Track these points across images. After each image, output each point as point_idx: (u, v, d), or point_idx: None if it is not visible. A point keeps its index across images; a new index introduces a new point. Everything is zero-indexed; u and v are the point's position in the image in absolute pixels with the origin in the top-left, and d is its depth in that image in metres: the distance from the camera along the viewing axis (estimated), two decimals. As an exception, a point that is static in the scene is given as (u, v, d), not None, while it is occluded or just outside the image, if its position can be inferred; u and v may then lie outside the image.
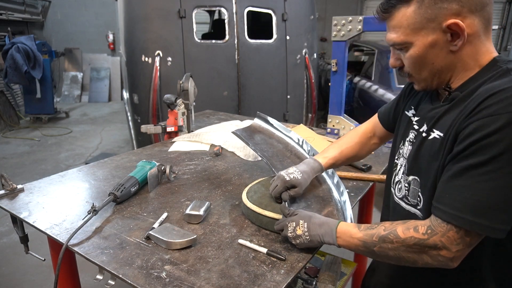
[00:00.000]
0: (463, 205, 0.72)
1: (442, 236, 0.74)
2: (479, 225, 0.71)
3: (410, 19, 0.79)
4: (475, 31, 0.77)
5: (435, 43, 0.78)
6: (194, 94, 1.96)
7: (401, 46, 0.84)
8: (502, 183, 0.69)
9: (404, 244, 0.78)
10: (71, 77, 8.48)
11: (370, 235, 0.83)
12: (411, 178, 0.91)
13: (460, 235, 0.73)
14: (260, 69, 3.52)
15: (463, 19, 0.75)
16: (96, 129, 6.14)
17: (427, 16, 0.77)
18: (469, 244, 0.74)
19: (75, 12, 8.48)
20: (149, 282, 0.83)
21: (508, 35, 8.49)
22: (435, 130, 0.84)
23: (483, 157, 0.70)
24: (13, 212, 1.14)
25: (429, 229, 0.76)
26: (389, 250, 0.81)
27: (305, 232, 0.92)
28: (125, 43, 3.54)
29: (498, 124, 0.68)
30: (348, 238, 0.87)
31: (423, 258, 0.78)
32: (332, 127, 2.02)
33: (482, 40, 0.79)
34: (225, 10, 3.33)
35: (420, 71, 0.84)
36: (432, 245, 0.75)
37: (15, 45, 5.52)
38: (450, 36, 0.77)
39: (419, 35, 0.79)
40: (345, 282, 1.69)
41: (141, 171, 1.31)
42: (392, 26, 0.83)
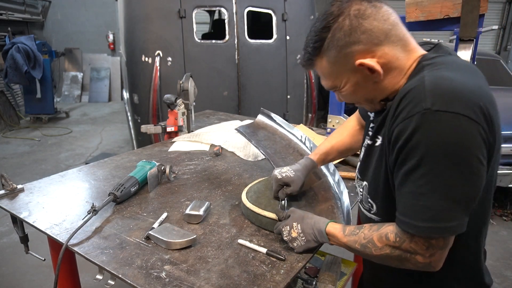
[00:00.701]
0: (413, 212, 0.72)
1: (410, 243, 0.75)
2: (435, 229, 0.71)
3: (327, 69, 0.84)
4: (390, 58, 0.79)
5: (358, 82, 0.82)
6: (194, 94, 1.96)
7: (333, 90, 0.89)
8: (440, 181, 0.69)
9: (382, 252, 0.80)
10: (71, 77, 8.48)
11: (353, 241, 0.85)
12: (364, 184, 0.93)
13: (424, 240, 0.73)
14: (260, 69, 3.52)
15: (373, 53, 0.78)
16: (96, 129, 6.15)
17: (339, 63, 0.81)
18: (440, 247, 0.74)
19: (75, 12, 8.49)
20: (149, 282, 0.84)
21: (508, 35, 8.49)
22: (379, 136, 0.87)
23: (414, 160, 0.71)
24: (13, 212, 1.14)
25: (397, 237, 0.77)
26: (372, 257, 0.83)
27: (300, 233, 0.94)
28: (125, 43, 3.54)
29: (412, 125, 0.69)
30: (336, 241, 0.90)
31: (404, 264, 0.78)
32: (332, 127, 2.02)
33: (403, 58, 0.80)
34: (225, 10, 3.33)
35: (358, 102, 0.89)
36: (405, 250, 0.76)
37: (15, 45, 5.53)
38: (368, 70, 0.79)
39: (342, 78, 0.83)
40: (345, 282, 1.69)
41: (141, 171, 1.31)
42: (319, 74, 0.88)
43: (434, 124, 0.68)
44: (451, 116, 0.67)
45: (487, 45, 8.66)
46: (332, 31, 0.78)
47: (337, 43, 0.78)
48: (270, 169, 1.52)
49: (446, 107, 0.67)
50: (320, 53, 0.82)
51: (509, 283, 2.50)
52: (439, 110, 0.67)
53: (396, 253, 0.77)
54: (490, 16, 8.32)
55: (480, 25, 1.53)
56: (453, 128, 0.67)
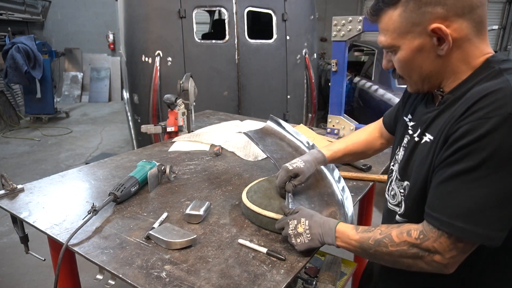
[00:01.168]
0: (454, 211, 0.71)
1: (434, 242, 0.73)
2: (470, 232, 0.69)
3: (396, 23, 0.78)
4: (463, 35, 0.75)
5: (422, 48, 0.78)
6: (194, 94, 1.96)
7: (390, 49, 0.84)
8: (493, 189, 0.67)
9: (398, 248, 0.77)
10: (71, 77, 8.48)
11: (366, 238, 0.83)
12: (405, 184, 0.89)
13: (452, 241, 0.72)
14: (260, 69, 3.52)
15: (449, 23, 0.73)
16: (96, 129, 6.15)
17: (412, 20, 0.76)
18: (463, 251, 0.73)
19: (75, 12, 8.49)
20: (149, 282, 0.84)
21: (508, 35, 8.49)
22: (427, 134, 0.83)
23: (472, 162, 0.68)
24: (13, 212, 1.14)
25: (421, 234, 0.75)
26: (384, 254, 0.80)
27: (306, 230, 0.91)
28: (125, 43, 3.54)
29: (487, 127, 0.66)
30: (346, 239, 0.87)
31: (417, 263, 0.77)
32: (332, 127, 2.02)
33: (473, 43, 0.76)
34: (225, 10, 3.33)
35: (410, 74, 0.84)
36: (425, 249, 0.74)
37: (15, 45, 5.52)
38: (437, 40, 0.75)
39: (406, 39, 0.78)
40: (345, 282, 1.69)
41: (141, 171, 1.31)
42: (381, 29, 0.83)
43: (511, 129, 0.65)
44: None
45: (487, 45, 8.65)
46: None
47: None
48: (270, 169, 1.53)
49: None
50: (397, 3, 0.77)
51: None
52: None
53: (412, 251, 0.75)
54: (490, 16, 8.32)
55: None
56: None
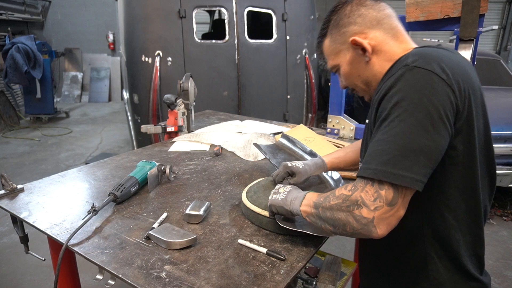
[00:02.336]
0: (372, 157, 0.76)
1: (361, 191, 0.75)
2: (385, 172, 0.72)
3: (330, 48, 0.99)
4: (380, 41, 0.92)
5: (353, 59, 0.95)
6: (194, 94, 1.96)
7: (335, 69, 1.02)
8: (401, 128, 0.73)
9: (336, 202, 0.80)
10: (71, 77, 8.48)
11: (320, 197, 0.87)
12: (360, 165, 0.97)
13: (375, 189, 0.74)
14: (260, 69, 3.52)
15: (365, 35, 0.92)
16: (96, 129, 6.15)
17: (338, 42, 0.96)
18: (386, 200, 0.72)
19: (75, 12, 8.49)
20: (149, 282, 0.84)
21: (508, 35, 8.49)
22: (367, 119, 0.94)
23: (384, 112, 0.77)
24: (13, 212, 1.14)
25: (353, 186, 0.78)
26: (327, 210, 0.82)
27: (285, 191, 0.98)
28: (125, 43, 3.54)
29: (393, 80, 0.78)
30: (308, 200, 0.90)
31: (349, 221, 0.77)
32: (332, 127, 2.02)
33: (392, 45, 0.92)
34: (225, 10, 3.33)
35: (355, 83, 0.99)
36: (354, 201, 0.76)
37: (15, 45, 5.53)
38: (361, 50, 0.93)
39: (340, 57, 0.98)
40: (345, 282, 1.69)
41: (141, 171, 1.31)
42: (325, 56, 1.03)
43: (410, 76, 0.76)
44: (426, 72, 0.76)
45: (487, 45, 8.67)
46: (337, 14, 0.95)
47: (338, 23, 0.95)
48: (270, 169, 1.53)
49: (423, 65, 0.76)
50: (326, 33, 0.99)
51: (509, 283, 2.50)
52: (417, 66, 0.77)
53: (345, 204, 0.77)
54: (490, 16, 8.33)
55: (480, 25, 1.53)
56: (425, 81, 0.75)
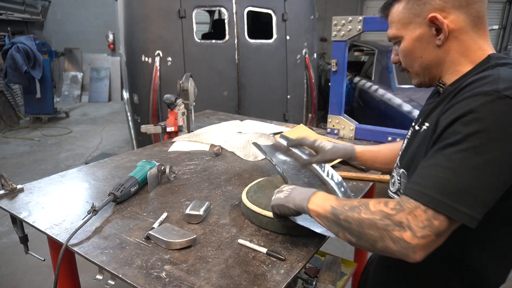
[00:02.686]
0: (431, 182, 0.69)
1: (409, 214, 0.69)
2: (444, 205, 0.67)
3: (400, 14, 0.85)
4: (460, 27, 0.79)
5: (421, 37, 0.83)
6: (194, 94, 1.95)
7: (395, 40, 0.90)
8: (474, 163, 0.66)
9: (370, 217, 0.73)
10: (71, 77, 8.48)
11: (342, 203, 0.80)
12: (401, 171, 0.91)
13: (427, 216, 0.68)
14: (260, 69, 3.52)
15: (446, 14, 0.79)
16: (96, 129, 6.15)
17: (413, 11, 0.83)
18: (436, 231, 0.67)
19: (75, 12, 8.49)
20: (149, 282, 0.83)
21: (508, 35, 8.49)
22: (426, 122, 0.85)
23: (457, 136, 0.68)
24: (13, 212, 1.14)
25: (398, 205, 0.71)
26: (354, 222, 0.76)
27: (288, 189, 0.94)
28: (125, 43, 3.54)
29: (473, 105, 0.68)
30: (322, 201, 0.85)
31: (384, 239, 0.71)
32: (332, 127, 2.02)
33: (471, 37, 0.80)
34: (225, 10, 3.33)
35: (412, 64, 0.88)
36: (398, 222, 0.69)
37: (15, 45, 5.52)
38: (435, 30, 0.81)
39: (408, 29, 0.85)
40: (345, 282, 1.69)
41: (141, 171, 1.30)
42: (389, 22, 0.90)
43: (500, 107, 0.66)
44: None
45: (487, 45, 8.65)
46: None
47: None
48: (270, 169, 1.53)
49: None
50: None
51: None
52: (509, 97, 0.66)
53: (383, 222, 0.71)
54: (490, 16, 8.32)
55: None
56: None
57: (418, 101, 3.39)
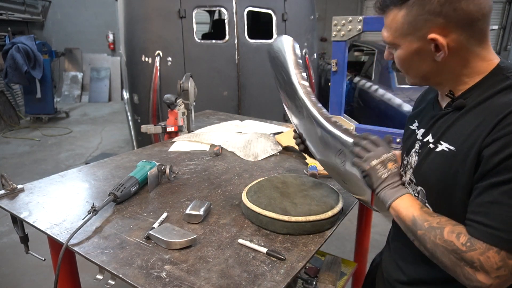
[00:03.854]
0: (497, 223, 0.67)
1: (481, 255, 0.68)
2: None
3: (399, 24, 0.81)
4: (462, 46, 0.76)
5: (419, 51, 0.80)
6: (194, 94, 1.96)
7: (390, 45, 0.87)
8: None
9: (444, 245, 0.73)
10: (71, 77, 8.48)
11: (424, 219, 0.78)
12: (419, 189, 0.89)
13: (501, 257, 0.67)
14: (260, 69, 3.52)
15: (448, 33, 0.75)
16: (96, 129, 6.15)
17: (414, 24, 0.78)
18: (511, 269, 0.67)
19: (75, 12, 8.49)
20: (149, 282, 0.84)
21: (508, 35, 8.49)
22: (443, 142, 0.82)
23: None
24: (13, 212, 1.14)
25: (469, 242, 0.70)
26: (429, 243, 0.76)
27: (392, 170, 0.88)
28: (125, 43, 3.54)
29: None
30: (406, 205, 0.83)
31: (456, 271, 0.72)
32: (332, 127, 2.02)
33: (473, 51, 0.78)
34: (225, 10, 3.33)
35: (407, 71, 0.87)
36: (469, 261, 0.69)
37: (15, 45, 5.53)
38: (434, 47, 0.77)
39: (406, 40, 0.81)
40: (345, 282, 1.69)
41: (141, 171, 1.31)
42: (385, 24, 0.86)
43: None
44: None
45: (487, 45, 8.66)
46: None
47: (425, 6, 0.75)
48: (270, 169, 1.53)
49: None
50: (402, 5, 0.79)
51: None
52: None
53: (455, 257, 0.71)
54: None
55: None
56: None
57: (418, 101, 3.39)
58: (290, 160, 1.64)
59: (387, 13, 0.84)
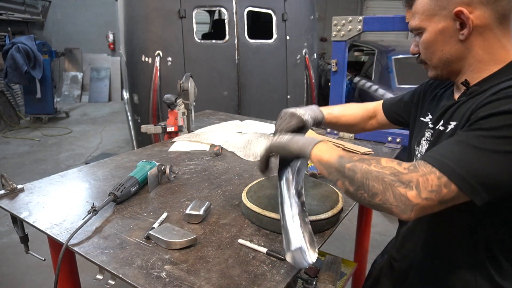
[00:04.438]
0: (455, 156, 0.69)
1: (421, 176, 0.70)
2: (461, 178, 0.67)
3: (426, 6, 0.84)
4: (485, 23, 0.78)
5: (445, 30, 0.83)
6: (194, 94, 1.96)
7: (417, 32, 0.89)
8: (504, 150, 0.66)
9: (379, 170, 0.73)
10: (71, 77, 8.48)
11: (351, 155, 0.80)
12: None
13: (439, 182, 0.69)
14: (260, 69, 3.52)
15: (473, 9, 0.78)
16: (96, 129, 6.15)
17: (440, 3, 0.82)
18: (441, 198, 0.69)
19: (75, 12, 8.49)
20: (149, 282, 0.84)
21: (508, 35, 8.48)
22: (451, 122, 0.85)
23: (492, 124, 0.68)
24: (13, 212, 1.14)
25: (412, 166, 0.72)
26: (360, 172, 0.75)
27: (290, 135, 0.91)
28: (125, 43, 3.54)
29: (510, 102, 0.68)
30: (328, 149, 0.83)
31: (385, 193, 0.71)
32: (332, 127, 2.02)
33: (495, 35, 0.80)
34: (225, 10, 3.33)
35: (431, 57, 0.88)
36: (406, 180, 0.70)
37: (15, 45, 5.53)
38: (459, 25, 0.80)
39: (432, 21, 0.84)
40: (345, 282, 1.69)
41: (141, 171, 1.31)
42: (413, 13, 0.89)
43: None
44: None
45: (487, 45, 8.66)
46: None
47: None
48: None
49: None
50: None
51: None
52: None
53: (392, 178, 0.71)
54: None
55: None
56: None
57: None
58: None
59: (414, 1, 0.88)
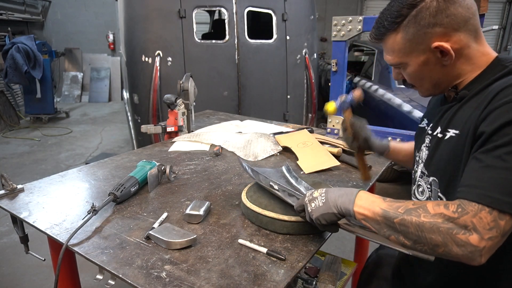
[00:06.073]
0: (489, 184, 0.68)
1: (473, 216, 0.68)
2: (509, 204, 0.66)
3: (400, 45, 0.86)
4: (463, 45, 0.83)
5: (427, 62, 0.85)
6: (194, 94, 1.96)
7: (398, 66, 0.92)
8: None
9: (431, 220, 0.71)
10: (71, 77, 8.48)
11: (395, 206, 0.77)
12: (431, 179, 0.91)
13: (493, 217, 0.67)
14: (260, 69, 3.52)
15: (449, 38, 0.82)
16: (96, 129, 6.15)
17: (415, 41, 0.84)
18: (502, 231, 0.67)
19: (75, 12, 8.49)
20: (149, 282, 0.84)
21: (508, 35, 8.49)
22: (450, 129, 0.86)
23: (505, 138, 0.69)
24: (13, 212, 1.14)
25: (460, 208, 0.70)
26: (411, 226, 0.73)
27: (322, 193, 0.89)
28: (125, 43, 3.54)
29: None
30: (368, 205, 0.80)
31: (447, 244, 0.69)
32: (332, 127, 2.02)
33: (473, 48, 0.84)
34: (225, 10, 3.33)
35: (421, 83, 0.91)
36: (462, 225, 0.68)
37: (15, 45, 5.52)
38: (440, 53, 0.83)
39: (411, 56, 0.86)
40: (345, 282, 1.69)
41: (141, 171, 1.31)
42: (386, 49, 0.91)
43: None
44: None
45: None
46: (417, 9, 0.81)
47: (420, 22, 0.82)
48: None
49: None
50: (397, 28, 0.85)
51: None
52: None
53: (447, 226, 0.69)
54: (490, 16, 8.32)
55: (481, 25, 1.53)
56: None
57: (418, 101, 3.39)
58: (290, 160, 1.64)
59: (384, 39, 0.89)
